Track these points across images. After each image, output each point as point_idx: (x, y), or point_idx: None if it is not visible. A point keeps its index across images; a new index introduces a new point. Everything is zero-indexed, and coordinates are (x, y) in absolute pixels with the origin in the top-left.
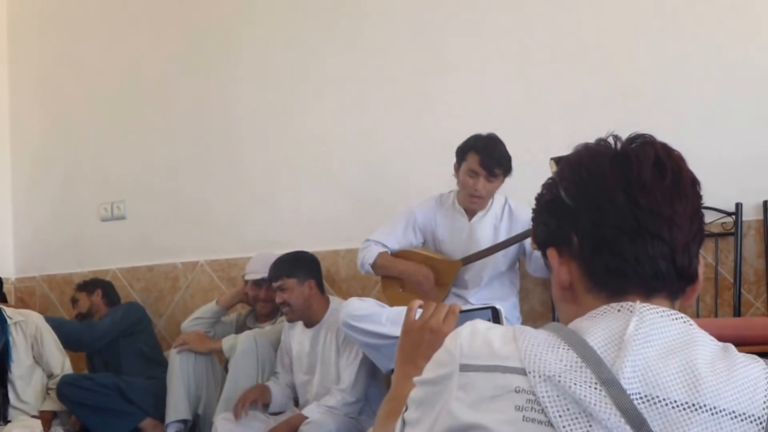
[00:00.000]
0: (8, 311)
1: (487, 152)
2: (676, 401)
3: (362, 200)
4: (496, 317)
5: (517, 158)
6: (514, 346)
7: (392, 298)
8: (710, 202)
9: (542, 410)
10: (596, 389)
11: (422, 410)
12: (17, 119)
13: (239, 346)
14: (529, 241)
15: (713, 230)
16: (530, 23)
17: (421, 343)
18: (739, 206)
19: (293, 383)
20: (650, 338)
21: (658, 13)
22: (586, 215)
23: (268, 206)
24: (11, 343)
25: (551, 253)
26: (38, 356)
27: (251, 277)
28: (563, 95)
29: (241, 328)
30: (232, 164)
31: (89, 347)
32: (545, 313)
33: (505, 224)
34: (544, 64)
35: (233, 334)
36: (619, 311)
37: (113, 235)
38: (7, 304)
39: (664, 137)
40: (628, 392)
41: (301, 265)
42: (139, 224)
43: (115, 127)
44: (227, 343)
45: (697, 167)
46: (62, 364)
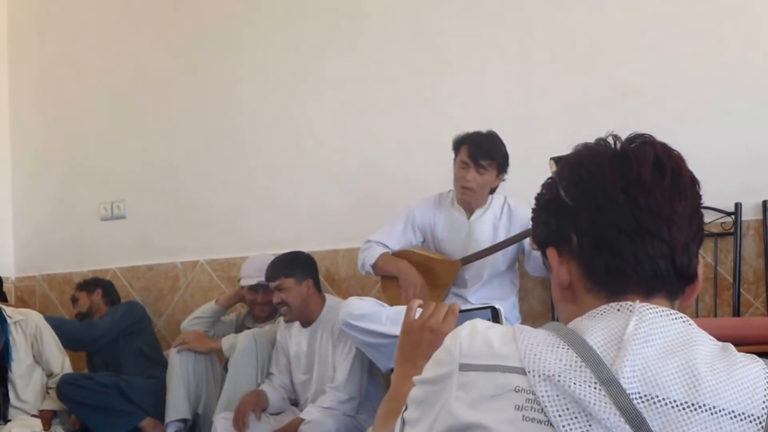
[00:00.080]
0: (8, 310)
1: (476, 144)
2: (675, 401)
3: (362, 200)
4: (495, 317)
5: (516, 158)
6: (513, 345)
7: (392, 297)
8: (710, 201)
9: (542, 410)
10: (596, 389)
11: (422, 409)
12: (17, 119)
13: (239, 345)
14: (528, 240)
15: (712, 230)
16: (530, 23)
17: (420, 342)
18: (738, 206)
19: (289, 384)
20: (650, 338)
21: (658, 13)
22: (585, 215)
23: (267, 206)
24: (11, 342)
25: (551, 252)
26: (38, 355)
27: (246, 282)
28: (563, 95)
29: (240, 327)
30: (232, 164)
31: (89, 347)
32: (545, 312)
33: (504, 223)
34: (543, 64)
35: (233, 333)
36: (618, 311)
37: (113, 234)
38: (7, 303)
39: (663, 137)
40: (627, 392)
41: (298, 264)
42: (139, 224)
43: (115, 126)
44: (227, 342)
45: (696, 167)
46: (62, 363)
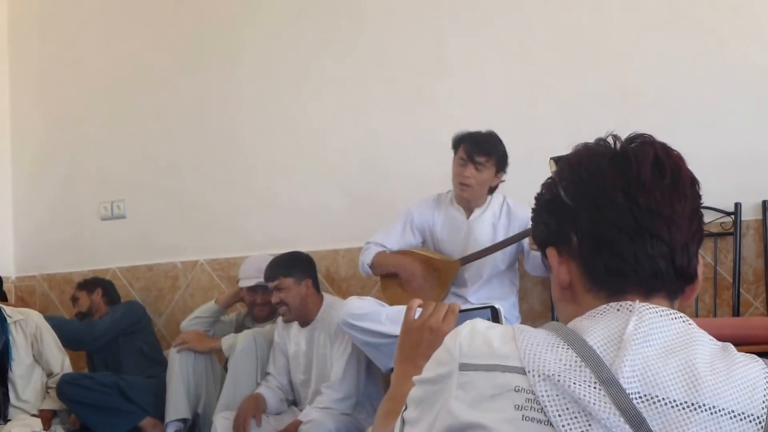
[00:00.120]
0: (8, 310)
1: (475, 141)
2: (675, 401)
3: (362, 200)
4: (495, 317)
5: (516, 158)
6: (513, 345)
7: (392, 297)
8: (709, 201)
9: (541, 409)
10: (595, 388)
11: (422, 409)
12: (18, 118)
13: (239, 345)
14: (527, 239)
15: (712, 230)
16: (530, 23)
17: (420, 342)
18: (738, 206)
19: (286, 384)
20: (649, 338)
21: (658, 13)
22: (585, 215)
23: (268, 206)
24: (11, 342)
25: (551, 252)
26: (38, 355)
27: (245, 284)
28: (563, 95)
29: (240, 327)
30: (232, 164)
31: (89, 346)
32: (544, 312)
33: (503, 222)
34: (543, 64)
35: (232, 333)
36: (618, 311)
37: (113, 234)
38: (7, 303)
39: (663, 137)
40: (627, 391)
41: (297, 264)
42: (139, 223)
43: (115, 126)
44: (227, 342)
45: (696, 167)
46: (62, 362)
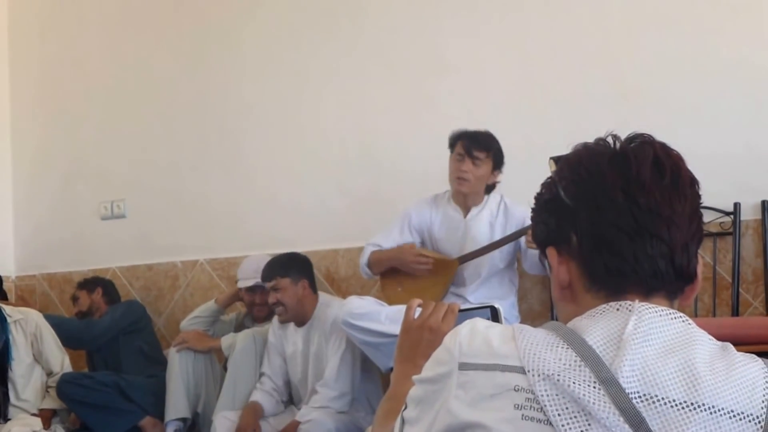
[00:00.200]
0: (8, 309)
1: (472, 137)
2: (674, 400)
3: (362, 200)
4: (495, 316)
5: (516, 157)
6: (513, 344)
7: (391, 297)
8: (709, 201)
9: (541, 409)
10: (595, 388)
11: (421, 408)
12: (18, 118)
13: (238, 344)
14: (524, 237)
15: (711, 230)
16: (530, 23)
17: (420, 341)
18: (737, 206)
19: (282, 385)
20: (649, 337)
21: (657, 13)
22: (585, 214)
23: (268, 205)
24: (11, 341)
25: (550, 252)
26: (38, 354)
27: (243, 284)
28: (563, 95)
29: (239, 327)
30: (232, 163)
31: (89, 345)
32: (544, 312)
33: (500, 221)
34: (543, 63)
35: (232, 332)
36: (618, 310)
37: (113, 233)
38: (7, 302)
39: (662, 137)
40: (626, 391)
41: (294, 265)
42: (139, 223)
43: (115, 126)
44: (226, 341)
45: (695, 167)
46: (61, 362)
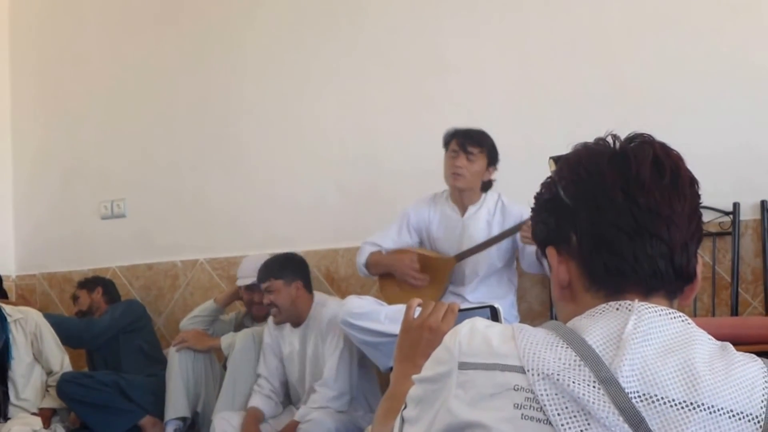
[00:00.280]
0: (8, 309)
1: (465, 134)
2: (674, 400)
3: (362, 199)
4: (494, 316)
5: (516, 157)
6: (513, 344)
7: (390, 297)
8: (708, 201)
9: (541, 408)
10: (595, 388)
11: (421, 408)
12: (18, 117)
13: (237, 344)
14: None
15: (711, 230)
16: (530, 23)
17: (420, 341)
18: (736, 206)
19: (279, 386)
20: (649, 337)
21: (657, 13)
22: (584, 214)
23: (268, 205)
24: (11, 340)
25: (550, 252)
26: (38, 353)
27: (242, 282)
28: (562, 94)
29: (239, 326)
30: (232, 163)
31: (89, 344)
32: (543, 312)
33: (497, 219)
34: (543, 63)
35: (232, 332)
36: (617, 310)
37: (113, 233)
38: (7, 300)
39: (662, 137)
40: (626, 391)
41: (288, 266)
42: (139, 222)
43: (115, 125)
44: (226, 341)
45: (695, 167)
46: (61, 361)
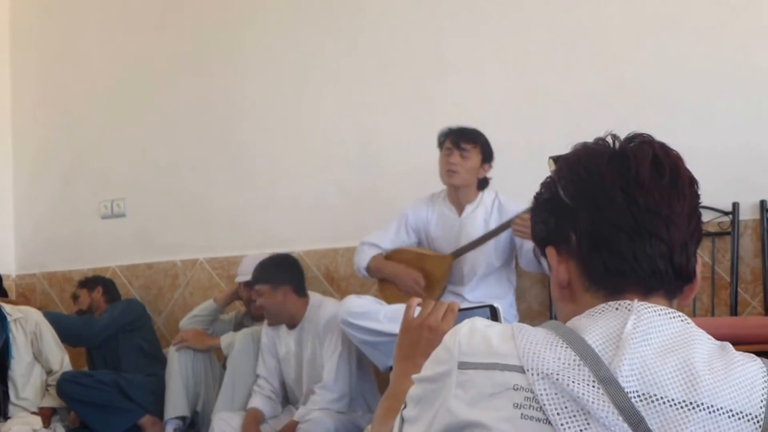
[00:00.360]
0: (8, 308)
1: (458, 131)
2: (673, 400)
3: (362, 199)
4: (494, 315)
5: (515, 157)
6: (512, 343)
7: (390, 297)
8: (707, 201)
9: (540, 408)
10: (594, 387)
11: (421, 407)
12: (19, 117)
13: (237, 343)
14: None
15: (710, 230)
16: (529, 23)
17: (419, 340)
18: (736, 206)
19: (278, 386)
20: (648, 337)
21: (657, 13)
22: (584, 214)
23: (267, 205)
24: (11, 340)
25: (550, 251)
26: (37, 353)
27: (241, 279)
28: (562, 94)
29: (239, 326)
30: (232, 163)
31: (88, 342)
32: (543, 311)
33: (494, 218)
34: (543, 63)
35: (231, 331)
36: (617, 310)
37: (113, 232)
38: (8, 299)
39: (662, 136)
40: (625, 390)
41: (276, 270)
42: (139, 222)
43: (115, 125)
44: (225, 340)
45: (694, 167)
46: (61, 360)
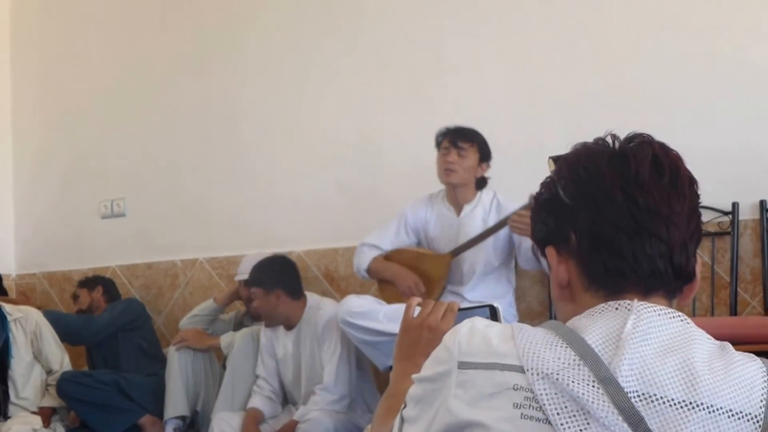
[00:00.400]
0: (8, 308)
1: (456, 130)
2: (673, 399)
3: (361, 199)
4: (494, 315)
5: (515, 157)
6: (512, 343)
7: (389, 298)
8: (707, 201)
9: (540, 408)
10: (594, 387)
11: (420, 407)
12: (19, 116)
13: (237, 343)
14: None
15: (710, 230)
16: (530, 23)
17: (419, 340)
18: (735, 206)
19: (278, 387)
20: (648, 336)
21: (657, 13)
22: (584, 214)
23: (267, 204)
24: (11, 339)
25: (550, 251)
26: (37, 352)
27: (240, 277)
28: (562, 94)
29: (239, 325)
30: (232, 162)
31: (87, 341)
32: (542, 311)
33: (493, 217)
34: (543, 63)
35: (231, 331)
36: (616, 309)
37: (113, 232)
38: (8, 298)
39: (661, 136)
40: (625, 390)
41: (269, 274)
42: (138, 222)
43: (115, 125)
44: (225, 340)
45: (694, 166)
46: (61, 360)
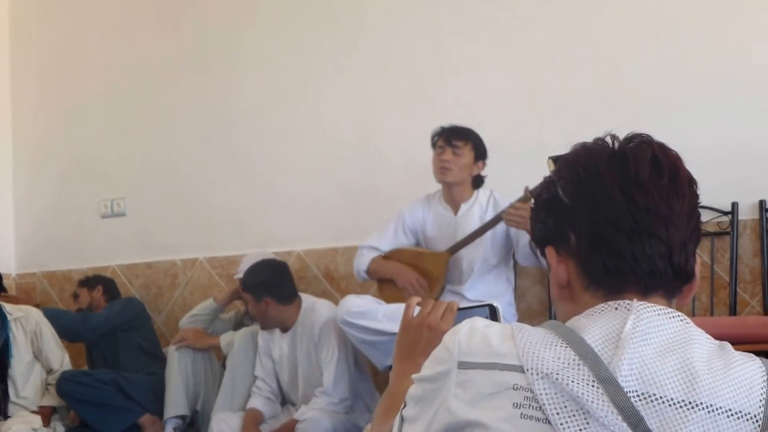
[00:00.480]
0: (8, 307)
1: (450, 129)
2: (672, 399)
3: (361, 199)
4: (493, 315)
5: (515, 157)
6: (512, 343)
7: (389, 298)
8: (706, 201)
9: (540, 407)
10: (594, 387)
11: (420, 407)
12: (18, 115)
13: (236, 343)
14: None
15: (709, 229)
16: (529, 23)
17: (419, 340)
18: (735, 206)
19: (276, 387)
20: (647, 336)
21: (657, 13)
22: (583, 214)
23: (267, 204)
24: (11, 339)
25: (549, 251)
26: (37, 352)
27: (240, 275)
28: (562, 94)
29: (238, 325)
30: (232, 162)
31: (85, 337)
32: (542, 311)
33: (490, 215)
34: (542, 63)
35: (231, 331)
36: (616, 309)
37: (113, 231)
38: (8, 296)
39: (661, 137)
40: (625, 390)
41: (256, 281)
42: (138, 221)
43: (115, 124)
44: (225, 339)
45: (694, 166)
46: (61, 359)
